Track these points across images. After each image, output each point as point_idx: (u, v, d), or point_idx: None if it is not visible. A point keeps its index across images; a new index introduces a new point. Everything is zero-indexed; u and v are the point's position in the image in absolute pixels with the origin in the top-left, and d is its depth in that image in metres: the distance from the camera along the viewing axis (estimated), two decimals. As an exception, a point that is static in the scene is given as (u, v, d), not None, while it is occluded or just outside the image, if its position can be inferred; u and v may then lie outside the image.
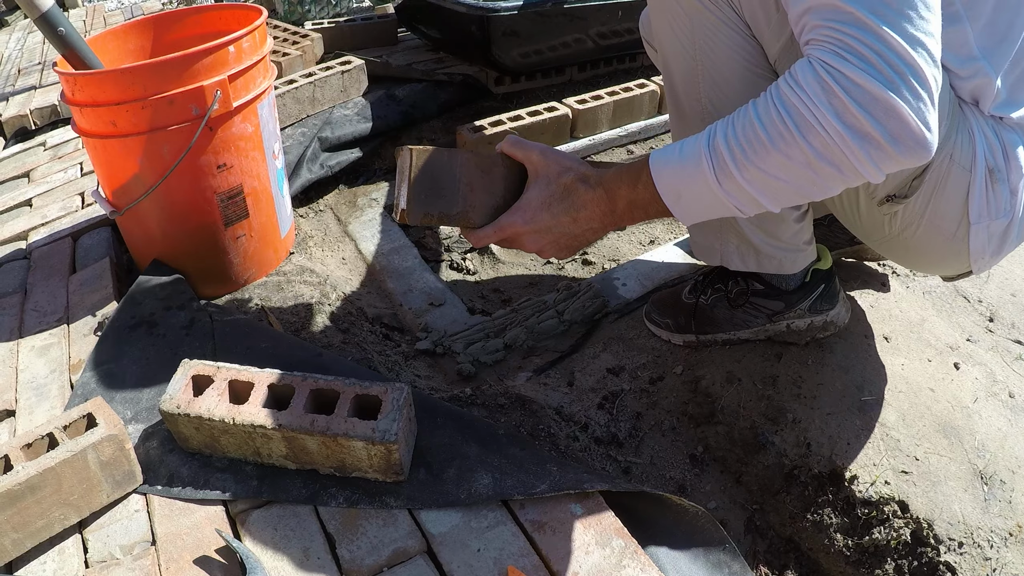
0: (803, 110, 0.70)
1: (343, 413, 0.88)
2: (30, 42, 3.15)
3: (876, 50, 0.66)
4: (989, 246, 0.97)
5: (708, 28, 0.91)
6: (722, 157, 0.76)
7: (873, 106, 0.67)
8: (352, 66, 1.95)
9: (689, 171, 0.80)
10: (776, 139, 0.73)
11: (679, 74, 1.01)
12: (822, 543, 1.03)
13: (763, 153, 0.74)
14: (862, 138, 0.69)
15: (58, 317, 1.26)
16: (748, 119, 0.75)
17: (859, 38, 0.67)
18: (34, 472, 0.82)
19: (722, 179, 0.77)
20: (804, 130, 0.71)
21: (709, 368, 1.22)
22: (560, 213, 0.91)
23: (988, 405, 1.15)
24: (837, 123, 0.69)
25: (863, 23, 0.66)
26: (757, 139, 0.74)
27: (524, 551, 0.82)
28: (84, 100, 1.13)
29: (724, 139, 0.77)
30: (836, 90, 0.68)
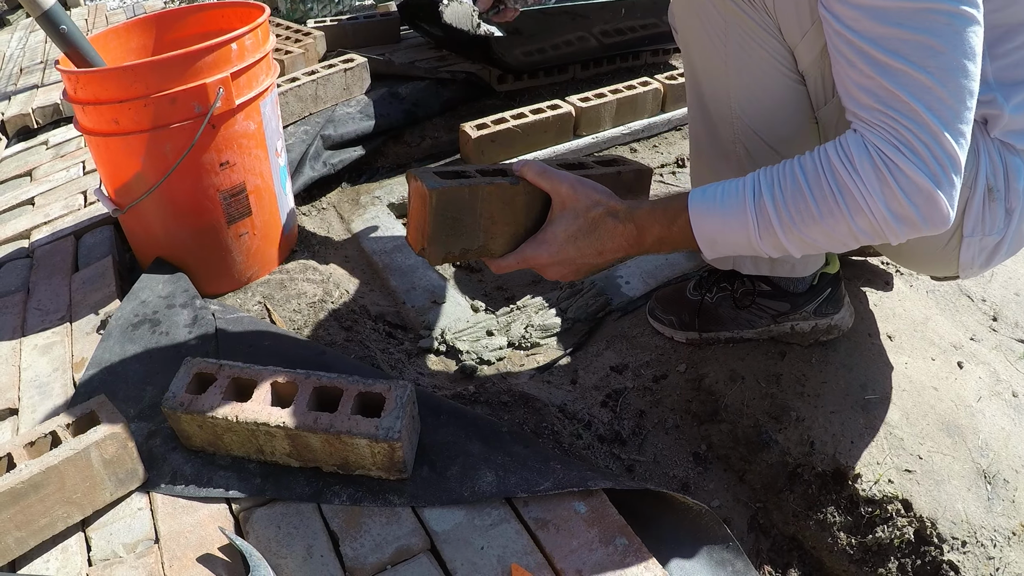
0: (856, 194, 0.76)
1: (346, 411, 0.88)
2: (32, 41, 3.15)
3: (930, 148, 0.73)
4: (979, 258, 1.00)
5: (744, 30, 0.90)
6: (768, 218, 0.81)
7: (917, 196, 0.74)
8: (355, 64, 1.95)
9: (731, 224, 0.84)
10: (826, 215, 0.79)
11: (706, 74, 1.00)
12: (825, 542, 1.02)
13: (811, 224, 0.80)
14: (901, 220, 0.76)
15: (60, 316, 1.26)
16: (799, 188, 0.80)
17: (916, 134, 0.72)
18: (37, 470, 0.82)
19: (763, 236, 0.83)
20: (853, 211, 0.77)
21: (712, 366, 1.22)
22: (586, 247, 0.92)
23: (991, 404, 1.14)
24: (885, 210, 0.76)
25: (922, 120, 0.72)
26: (808, 211, 0.79)
27: (528, 549, 0.82)
28: (86, 98, 1.13)
29: (772, 202, 0.81)
30: (889, 181, 0.74)
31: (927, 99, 0.72)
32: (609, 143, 2.06)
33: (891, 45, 0.73)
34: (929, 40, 0.71)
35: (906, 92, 0.73)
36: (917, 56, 0.72)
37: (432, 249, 0.90)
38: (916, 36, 0.71)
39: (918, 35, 0.71)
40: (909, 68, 0.72)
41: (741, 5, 0.88)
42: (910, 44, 0.72)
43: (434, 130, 2.07)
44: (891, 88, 0.74)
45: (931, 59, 0.71)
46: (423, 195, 0.88)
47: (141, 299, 1.24)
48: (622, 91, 2.05)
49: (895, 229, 0.77)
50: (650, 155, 2.05)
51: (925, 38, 0.71)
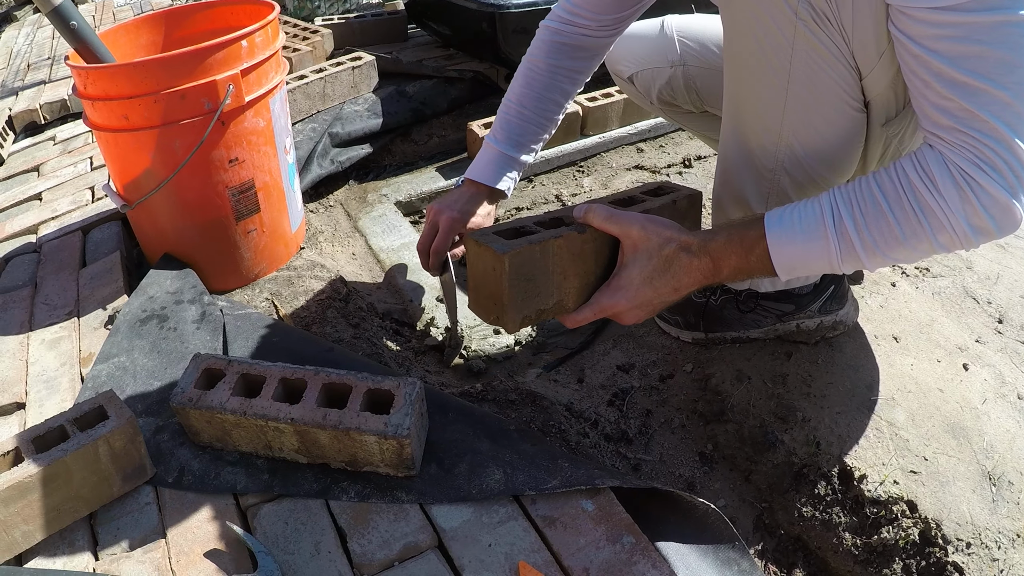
0: (939, 213, 0.77)
1: (355, 407, 0.88)
2: (39, 37, 3.16)
3: (1009, 163, 0.73)
4: None
5: (812, 56, 0.87)
6: (850, 242, 0.81)
7: (996, 210, 0.75)
8: (362, 62, 1.95)
9: (812, 250, 0.84)
10: (909, 236, 0.79)
11: (755, 101, 0.96)
12: (830, 542, 1.03)
13: (894, 245, 0.81)
14: (980, 232, 0.77)
15: (68, 310, 1.27)
16: (879, 210, 0.80)
17: (996, 151, 0.73)
18: (45, 465, 0.82)
19: (845, 260, 0.83)
20: (936, 230, 0.78)
21: (719, 366, 1.22)
22: (662, 286, 0.90)
23: (997, 406, 1.14)
24: (966, 226, 0.77)
25: (1002, 137, 0.72)
26: (891, 233, 0.80)
27: (535, 546, 0.82)
28: (96, 94, 1.14)
29: (853, 225, 0.81)
30: (971, 199, 0.75)
31: (1006, 116, 0.72)
32: (616, 143, 2.06)
33: (968, 64, 0.72)
34: (1006, 55, 0.70)
35: (986, 111, 0.72)
36: (995, 73, 0.71)
37: (510, 317, 0.87)
38: (993, 52, 0.70)
39: (995, 50, 0.70)
40: (988, 86, 0.72)
41: (813, 29, 0.84)
42: (987, 61, 0.71)
43: (441, 128, 2.08)
44: (970, 108, 0.73)
45: (1008, 75, 0.71)
46: (493, 260, 0.84)
47: (149, 295, 1.25)
48: (628, 91, 2.04)
49: (973, 241, 0.78)
50: (657, 155, 2.05)
51: (1002, 53, 0.70)
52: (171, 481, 0.93)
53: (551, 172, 1.98)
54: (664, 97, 1.35)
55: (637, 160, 2.02)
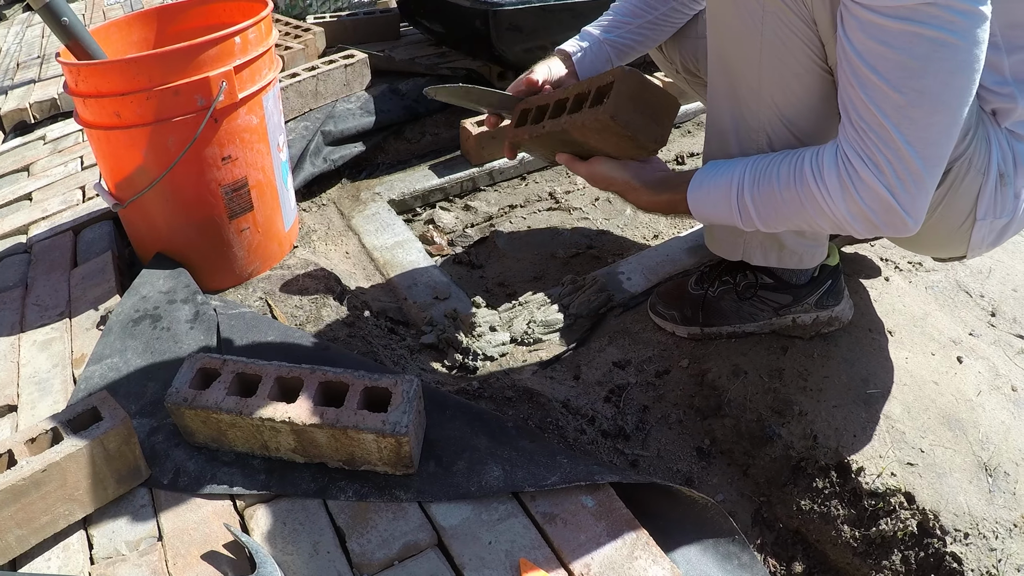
0: (820, 201, 0.86)
1: (353, 406, 0.88)
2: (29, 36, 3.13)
3: (891, 162, 0.78)
4: (988, 239, 1.04)
5: (781, 18, 0.91)
6: (748, 211, 0.94)
7: (875, 204, 0.81)
8: (355, 60, 1.94)
9: (720, 211, 0.97)
10: (794, 215, 0.91)
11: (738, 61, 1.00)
12: (829, 535, 1.03)
13: (783, 218, 0.93)
14: (861, 221, 0.84)
15: (60, 311, 1.26)
16: (772, 189, 0.91)
17: (881, 149, 0.78)
18: (38, 467, 0.82)
19: (745, 222, 0.96)
20: (817, 214, 0.87)
21: (715, 361, 1.22)
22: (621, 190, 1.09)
23: (991, 398, 1.15)
24: (845, 212, 0.84)
25: (889, 138, 0.77)
26: (780, 209, 0.91)
27: (536, 543, 0.82)
28: (88, 91, 1.13)
29: (751, 199, 0.93)
30: (850, 189, 0.82)
31: (897, 117, 0.76)
32: (608, 140, 2.06)
33: (874, 61, 0.76)
34: (909, 62, 0.73)
35: (879, 110, 0.77)
36: (895, 76, 0.75)
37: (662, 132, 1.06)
38: (897, 56, 0.74)
39: (899, 55, 0.73)
40: (886, 86, 0.75)
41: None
42: (890, 63, 0.74)
43: (434, 126, 2.07)
44: (866, 103, 0.78)
45: (908, 80, 0.74)
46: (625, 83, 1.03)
47: (142, 294, 1.24)
48: (621, 88, 2.04)
49: (855, 228, 0.86)
50: (649, 152, 2.05)
51: (906, 60, 0.73)
52: (167, 482, 0.92)
53: (544, 170, 1.98)
54: (688, 67, 1.39)
55: (631, 157, 2.02)
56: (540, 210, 1.81)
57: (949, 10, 0.70)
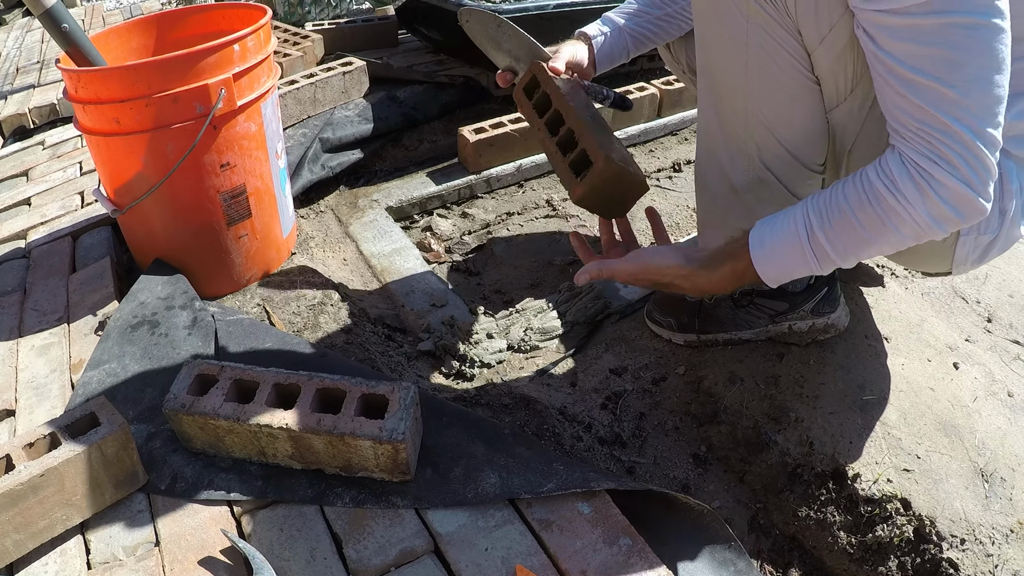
0: (901, 211, 0.82)
1: (350, 412, 0.88)
2: (28, 41, 3.14)
3: (963, 156, 0.77)
4: (972, 255, 1.04)
5: (765, 30, 0.92)
6: (823, 249, 0.88)
7: (956, 201, 0.80)
8: (353, 67, 1.95)
9: (792, 261, 0.91)
10: (876, 237, 0.85)
11: (724, 73, 1.01)
12: (826, 541, 1.03)
13: (863, 245, 0.87)
14: (943, 223, 0.82)
15: (58, 316, 1.26)
16: (846, 217, 0.85)
17: (949, 145, 0.77)
18: (36, 472, 0.82)
19: (823, 263, 0.89)
20: (900, 226, 0.83)
21: (711, 368, 1.23)
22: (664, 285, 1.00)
23: (988, 404, 1.15)
24: (928, 218, 0.81)
25: (953, 132, 0.77)
26: (857, 235, 0.86)
27: (532, 550, 0.82)
28: (87, 97, 1.13)
29: (824, 236, 0.87)
30: (930, 193, 0.80)
31: (955, 112, 0.76)
32: (606, 147, 2.06)
33: (916, 63, 0.76)
34: (951, 54, 0.74)
35: (935, 107, 0.77)
36: (941, 71, 0.75)
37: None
38: (938, 51, 0.75)
39: (940, 50, 0.74)
40: (936, 84, 0.76)
41: (764, 6, 0.90)
42: (934, 60, 0.75)
43: (432, 134, 2.08)
44: (921, 105, 0.78)
45: (954, 72, 0.75)
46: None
47: (140, 300, 1.24)
48: (619, 95, 2.05)
49: (938, 231, 0.83)
50: (647, 160, 2.06)
51: (947, 52, 0.74)
52: (164, 488, 0.92)
53: (541, 177, 1.98)
54: (693, 67, 1.39)
55: (628, 164, 2.03)
56: (537, 217, 1.82)
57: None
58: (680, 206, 1.81)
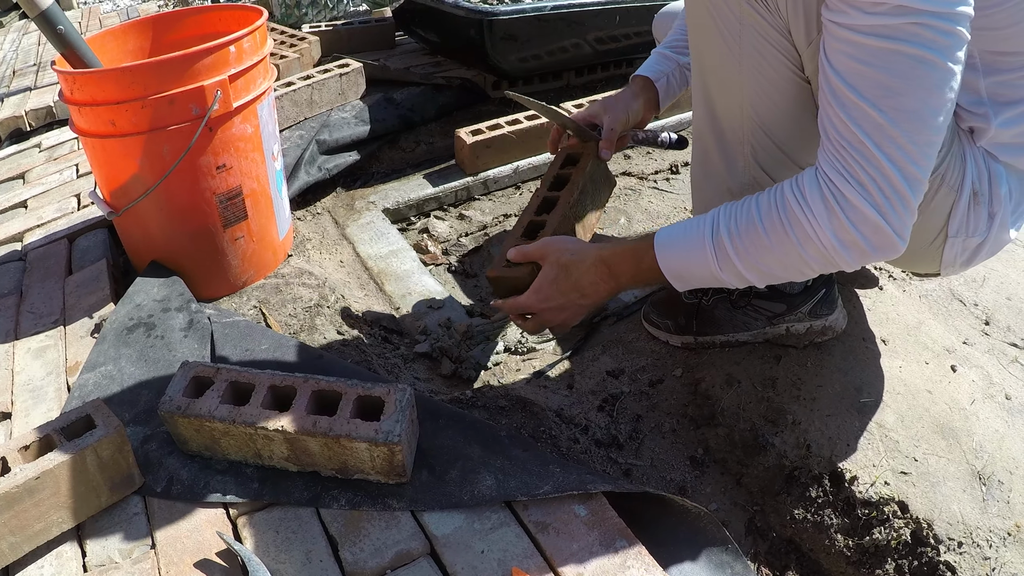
0: (805, 225, 0.81)
1: (346, 414, 0.88)
2: (25, 43, 3.14)
3: (876, 181, 0.76)
4: (960, 257, 1.04)
5: (758, 31, 0.92)
6: (725, 250, 0.88)
7: (865, 226, 0.78)
8: (350, 69, 1.95)
9: (693, 258, 0.92)
10: (776, 245, 0.84)
11: (717, 75, 1.01)
12: (823, 544, 1.03)
13: (764, 252, 0.86)
14: (850, 248, 0.81)
15: (54, 319, 1.25)
16: (751, 220, 0.86)
17: (865, 168, 0.77)
18: (32, 474, 0.81)
19: (723, 266, 0.89)
20: (803, 241, 0.82)
21: (708, 370, 1.22)
22: (566, 289, 1.05)
23: (985, 407, 1.15)
24: (833, 238, 0.80)
25: (871, 156, 0.76)
26: (760, 241, 0.85)
27: (528, 552, 0.82)
28: (83, 99, 1.13)
29: (728, 234, 0.87)
30: (836, 210, 0.79)
31: (879, 137, 0.75)
32: (603, 149, 2.06)
33: (854, 80, 0.75)
34: (888, 80, 0.73)
35: (860, 128, 0.76)
36: (874, 94, 0.74)
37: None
38: (879, 75, 0.73)
39: (881, 74, 0.73)
40: (865, 105, 0.75)
41: (755, 6, 0.90)
42: (869, 81, 0.74)
43: (429, 135, 2.08)
44: (846, 122, 0.77)
45: (887, 99, 0.74)
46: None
47: (136, 302, 1.24)
48: (616, 97, 2.05)
49: (844, 257, 0.82)
50: (644, 161, 2.06)
51: (885, 78, 0.73)
52: (160, 490, 0.92)
53: (538, 179, 1.98)
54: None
55: (624, 167, 2.03)
56: (535, 219, 1.82)
57: (930, 29, 0.70)
58: (677, 208, 1.81)
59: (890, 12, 0.70)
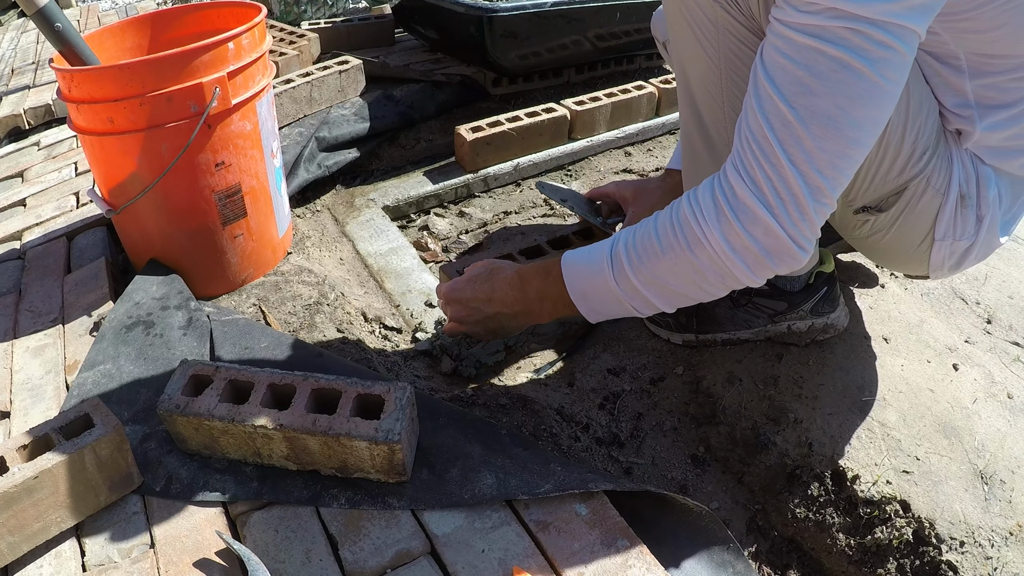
0: (694, 226, 0.78)
1: (345, 413, 0.87)
2: (23, 41, 3.13)
3: (773, 182, 0.72)
4: (949, 261, 1.02)
5: (734, 34, 0.91)
6: (620, 261, 0.85)
7: (759, 232, 0.74)
8: (350, 66, 1.94)
9: (593, 271, 0.89)
10: (667, 249, 0.81)
11: (700, 79, 1.00)
12: (824, 543, 1.03)
13: (655, 259, 0.82)
14: (741, 253, 0.76)
15: (53, 317, 1.25)
16: (647, 228, 0.83)
17: (764, 168, 0.72)
18: (31, 474, 0.81)
19: (620, 280, 0.86)
20: (693, 244, 0.78)
21: (710, 368, 1.22)
22: (478, 290, 1.06)
23: (987, 406, 1.15)
24: (722, 240, 0.76)
25: (771, 154, 0.71)
26: (651, 247, 0.82)
27: (529, 551, 0.82)
28: (81, 97, 1.12)
29: (624, 245, 0.85)
30: (726, 211, 0.75)
31: (783, 133, 0.71)
32: (604, 147, 2.06)
33: (773, 72, 0.72)
34: (806, 77, 0.69)
35: (766, 121, 0.72)
36: (789, 90, 0.70)
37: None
38: (798, 71, 0.69)
39: (800, 70, 0.69)
40: (777, 97, 0.71)
41: (728, 9, 0.88)
42: (789, 77, 0.70)
43: (429, 132, 2.07)
44: (757, 116, 0.73)
45: (801, 97, 0.69)
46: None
47: (135, 301, 1.23)
48: (617, 95, 2.05)
49: (738, 264, 0.77)
50: (645, 159, 2.06)
51: (803, 75, 0.69)
52: (159, 490, 0.92)
53: (539, 176, 1.98)
54: None
55: (625, 164, 2.03)
56: (535, 217, 1.81)
57: (864, 37, 0.66)
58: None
59: (823, 12, 0.67)
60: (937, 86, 0.93)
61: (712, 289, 0.83)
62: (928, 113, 0.92)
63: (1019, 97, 0.89)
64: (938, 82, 0.92)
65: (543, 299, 0.98)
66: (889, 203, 1.00)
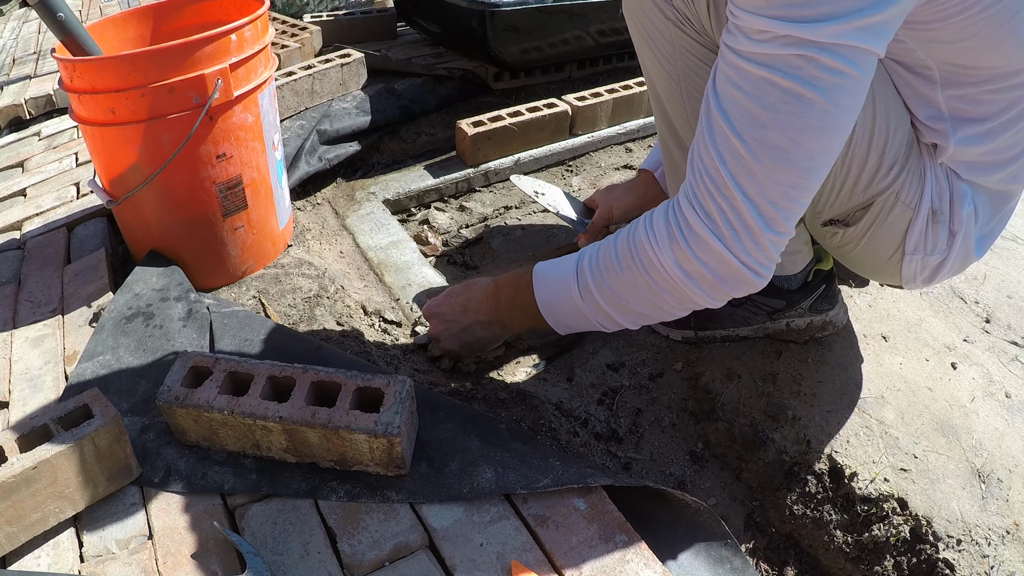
0: (648, 250, 0.80)
1: (345, 406, 0.87)
2: (25, 32, 3.12)
3: (725, 213, 0.73)
4: (921, 275, 1.02)
5: (689, 51, 0.90)
6: (584, 276, 0.88)
7: (710, 259, 0.75)
8: (351, 59, 1.94)
9: (560, 284, 0.92)
10: (625, 269, 0.83)
11: (666, 93, 1.00)
12: (822, 540, 1.03)
13: (615, 278, 0.85)
14: (696, 279, 0.78)
15: (52, 308, 1.25)
16: (609, 246, 0.86)
17: (715, 198, 0.73)
18: (29, 464, 0.81)
19: (584, 295, 0.89)
20: (647, 267, 0.81)
21: (709, 365, 1.22)
22: (456, 303, 1.09)
23: (985, 405, 1.15)
24: (675, 265, 0.78)
25: (723, 186, 0.72)
26: (611, 265, 0.85)
27: (527, 545, 0.82)
28: (83, 87, 1.12)
29: (588, 261, 0.88)
30: (677, 237, 0.76)
31: (734, 166, 0.70)
32: (605, 142, 2.06)
33: (726, 105, 0.71)
34: (757, 111, 0.68)
35: (717, 154, 0.71)
36: (740, 122, 0.69)
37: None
38: (749, 103, 0.68)
39: (750, 102, 0.68)
40: (729, 131, 0.70)
41: (683, 27, 0.87)
42: (740, 109, 0.69)
43: (430, 127, 2.07)
44: (708, 146, 0.72)
45: (752, 129, 0.69)
46: None
47: (135, 292, 1.23)
48: (618, 91, 2.05)
49: (694, 288, 0.78)
50: (645, 155, 2.05)
51: (755, 108, 0.68)
52: (157, 481, 0.92)
53: (540, 171, 1.98)
54: None
55: (626, 160, 2.03)
56: (535, 211, 1.81)
57: (816, 65, 0.64)
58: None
59: (773, 41, 0.65)
60: (908, 96, 0.90)
61: (671, 309, 0.85)
62: (897, 126, 0.89)
63: (994, 111, 0.86)
64: (909, 92, 0.89)
65: (514, 307, 1.01)
66: (856, 217, 0.98)
